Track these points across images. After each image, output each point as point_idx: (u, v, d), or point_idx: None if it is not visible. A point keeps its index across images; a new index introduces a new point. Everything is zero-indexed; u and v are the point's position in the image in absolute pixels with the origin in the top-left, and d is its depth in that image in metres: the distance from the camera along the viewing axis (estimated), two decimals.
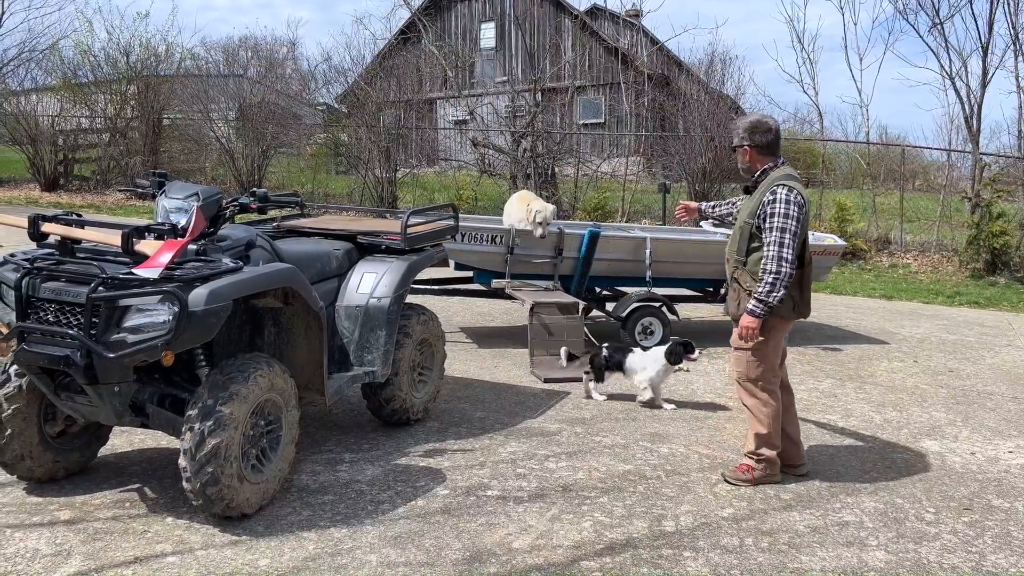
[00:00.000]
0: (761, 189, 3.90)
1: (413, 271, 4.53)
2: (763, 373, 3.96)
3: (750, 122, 4.00)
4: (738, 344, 3.96)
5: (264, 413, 3.44)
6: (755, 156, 3.97)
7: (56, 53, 21.04)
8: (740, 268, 3.93)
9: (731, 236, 4.09)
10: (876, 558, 3.33)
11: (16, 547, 3.12)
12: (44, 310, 3.18)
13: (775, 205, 3.77)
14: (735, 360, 4.03)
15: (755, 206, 3.86)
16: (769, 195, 3.79)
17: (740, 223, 3.97)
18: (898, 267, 13.39)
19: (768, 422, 3.98)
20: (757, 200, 3.86)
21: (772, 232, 3.75)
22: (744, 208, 4.02)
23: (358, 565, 3.09)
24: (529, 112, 16.25)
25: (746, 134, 3.96)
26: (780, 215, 3.75)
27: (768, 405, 3.98)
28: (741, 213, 4.04)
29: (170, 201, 3.54)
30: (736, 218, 4.13)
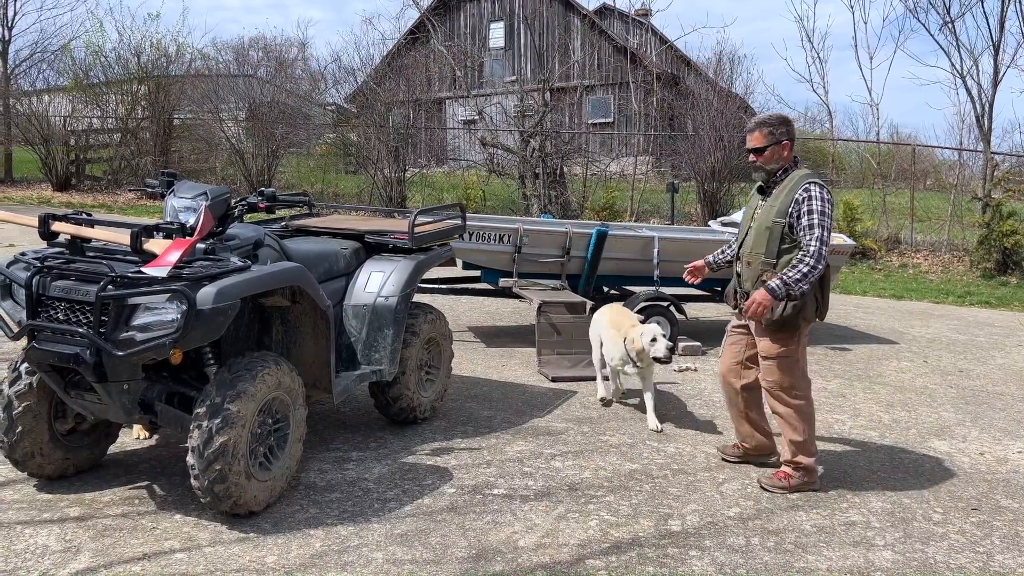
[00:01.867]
0: (788, 187, 3.84)
1: (420, 270, 4.54)
2: (796, 380, 3.92)
3: (778, 117, 3.97)
4: (769, 353, 3.90)
5: (272, 411, 3.46)
6: (789, 151, 3.93)
7: (68, 53, 21.18)
8: (769, 270, 3.84)
9: (750, 237, 3.95)
10: (883, 558, 3.32)
11: (26, 543, 3.15)
12: (54, 308, 3.21)
13: (812, 203, 3.75)
14: (767, 370, 3.93)
15: (786, 205, 3.80)
16: (803, 192, 3.78)
17: (767, 223, 3.85)
18: (908, 267, 13.33)
19: (803, 428, 3.93)
20: (787, 198, 3.80)
21: (813, 229, 3.74)
22: (768, 208, 3.90)
23: (364, 563, 3.11)
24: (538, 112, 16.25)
25: (784, 128, 3.91)
26: (818, 212, 3.74)
27: (802, 412, 3.94)
28: (764, 213, 3.91)
29: (179, 200, 3.57)
30: (753, 221, 3.99)
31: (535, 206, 15.25)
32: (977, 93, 14.81)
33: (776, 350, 3.88)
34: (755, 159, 3.94)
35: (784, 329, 3.85)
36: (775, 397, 3.96)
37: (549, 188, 15.47)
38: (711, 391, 5.77)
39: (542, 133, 15.86)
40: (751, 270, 3.93)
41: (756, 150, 3.92)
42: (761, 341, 3.93)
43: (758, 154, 3.91)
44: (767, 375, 3.95)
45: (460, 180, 18.53)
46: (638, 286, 7.34)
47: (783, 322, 3.82)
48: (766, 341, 3.91)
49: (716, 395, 5.68)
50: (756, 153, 3.92)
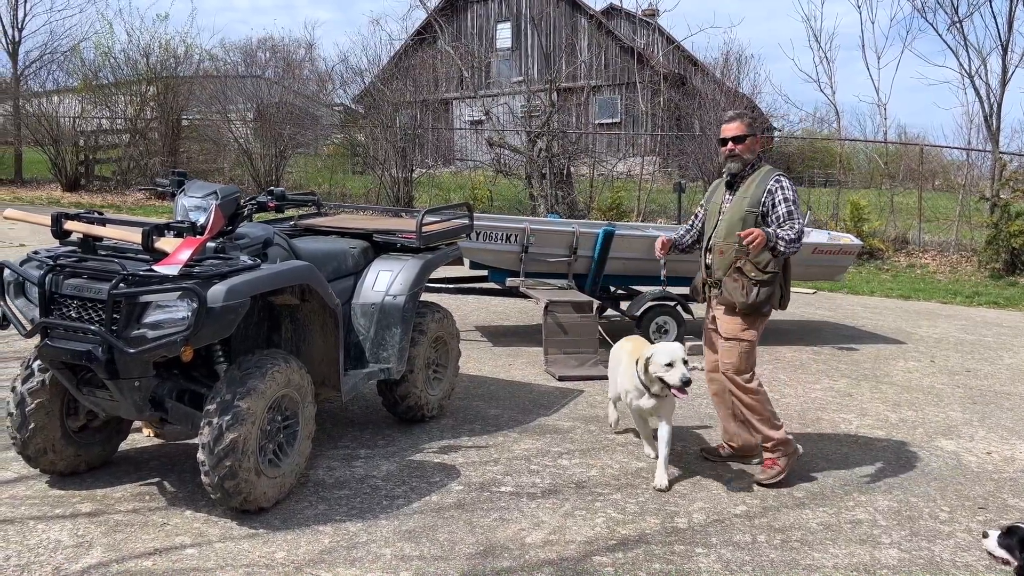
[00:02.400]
0: (757, 180, 4.01)
1: (428, 269, 4.57)
2: (751, 366, 4.07)
3: (750, 114, 4.18)
4: (732, 335, 4.01)
5: (281, 408, 3.49)
6: (759, 145, 4.13)
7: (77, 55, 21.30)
8: (743, 257, 3.95)
9: (722, 228, 4.04)
10: (889, 556, 3.33)
11: (39, 538, 3.18)
12: (67, 306, 3.25)
13: (785, 192, 3.96)
14: (727, 352, 4.04)
15: (757, 196, 3.96)
16: (774, 183, 3.97)
17: (739, 214, 3.97)
18: (916, 267, 13.30)
19: (762, 407, 4.08)
20: (759, 190, 3.97)
21: (792, 216, 3.93)
22: (738, 200, 4.02)
23: (373, 558, 3.13)
24: (545, 112, 16.26)
25: (752, 125, 4.09)
26: (792, 201, 3.95)
27: (759, 392, 4.09)
28: (734, 205, 4.03)
29: (189, 200, 3.60)
30: (722, 214, 4.08)
31: (542, 206, 15.27)
32: (985, 93, 14.76)
33: (739, 332, 4.00)
34: (734, 148, 4.04)
35: (753, 313, 3.98)
36: (732, 380, 4.07)
37: (556, 188, 15.49)
38: None
39: (549, 133, 15.88)
40: (724, 259, 4.03)
41: (737, 138, 4.03)
42: (726, 323, 4.03)
43: (738, 142, 4.03)
44: (726, 357, 4.05)
45: (467, 180, 18.56)
46: (645, 286, 7.35)
47: (755, 306, 3.95)
48: (732, 323, 4.01)
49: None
50: (737, 142, 4.03)
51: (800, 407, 5.44)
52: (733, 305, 3.98)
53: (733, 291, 3.97)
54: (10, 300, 3.42)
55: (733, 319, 4.01)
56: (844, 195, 15.58)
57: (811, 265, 7.68)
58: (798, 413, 5.30)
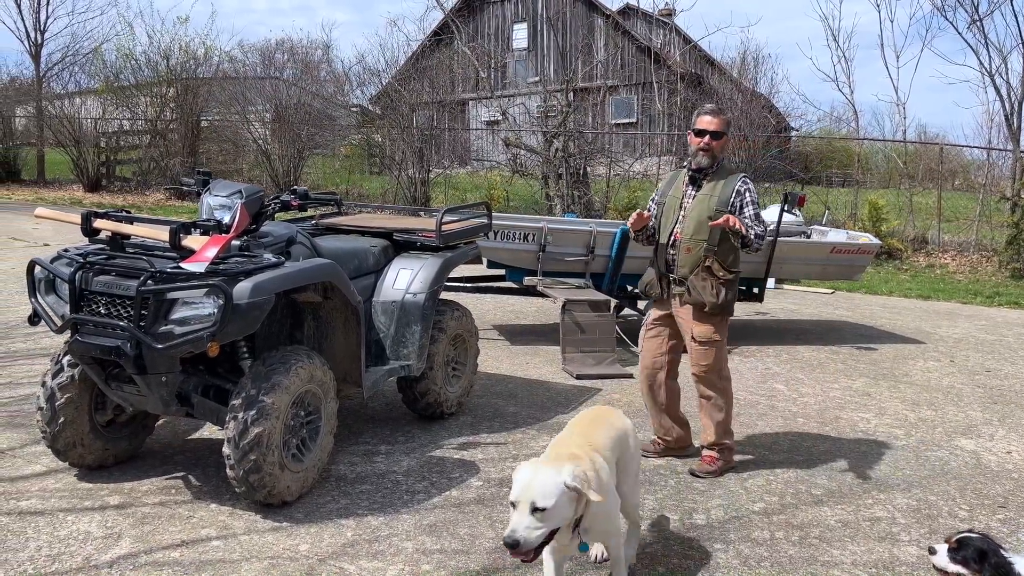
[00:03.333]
0: (724, 180, 4.06)
1: (447, 268, 4.61)
2: (724, 364, 4.15)
3: (725, 114, 4.24)
4: (704, 338, 4.04)
5: (304, 404, 3.55)
6: (727, 147, 4.22)
7: (99, 57, 21.58)
8: (712, 256, 3.99)
9: (689, 225, 4.04)
10: (908, 553, 3.34)
11: (69, 529, 3.25)
12: (96, 303, 3.32)
13: (752, 194, 4.06)
14: (701, 354, 4.07)
15: (727, 196, 4.01)
16: (742, 185, 4.05)
17: (707, 212, 3.99)
18: (935, 267, 13.21)
19: (728, 410, 4.17)
20: (727, 190, 4.03)
21: (758, 218, 4.03)
22: (704, 198, 4.04)
23: (395, 552, 3.18)
24: (561, 112, 16.28)
25: (730, 124, 4.18)
26: (757, 203, 4.08)
27: (728, 394, 4.17)
28: (700, 203, 4.04)
29: (214, 198, 3.66)
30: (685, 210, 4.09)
31: (558, 206, 15.29)
32: (1006, 91, 14.64)
33: (711, 334, 4.04)
34: (710, 143, 4.06)
35: (721, 314, 4.04)
36: (706, 381, 4.11)
37: (572, 188, 15.51)
38: (735, 389, 5.72)
39: (565, 133, 15.90)
40: (691, 256, 4.04)
41: (716, 134, 4.06)
42: (698, 326, 4.05)
43: (716, 138, 4.07)
44: (701, 359, 4.08)
45: (483, 181, 18.61)
46: None
47: (724, 306, 4.00)
48: (705, 326, 4.04)
49: (741, 393, 5.69)
50: (715, 137, 4.06)
51: (818, 406, 5.44)
52: (702, 305, 3.99)
53: (703, 291, 3.98)
54: (41, 297, 3.50)
55: (704, 323, 4.03)
56: (862, 195, 15.50)
57: (829, 265, 7.66)
58: (816, 412, 5.30)
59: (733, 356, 6.78)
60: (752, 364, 6.55)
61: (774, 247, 7.20)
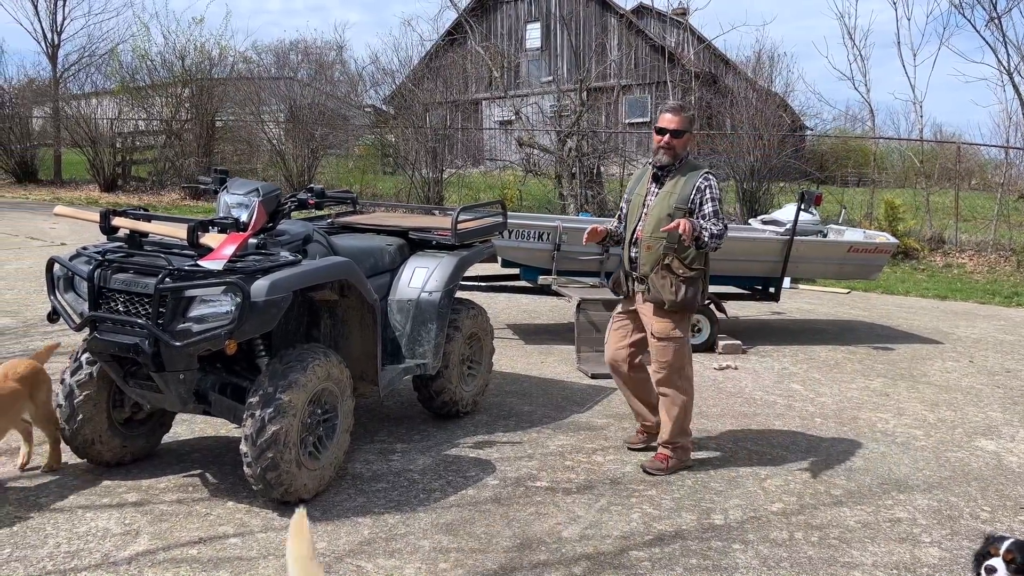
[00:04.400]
0: (686, 177, 4.03)
1: (463, 266, 4.61)
2: (686, 362, 4.12)
3: (691, 110, 4.26)
4: (664, 334, 4.02)
5: (321, 402, 3.55)
6: (691, 144, 4.20)
7: (115, 58, 21.72)
8: (671, 253, 3.98)
9: (650, 223, 4.05)
10: (930, 554, 3.30)
11: (88, 526, 3.27)
12: (114, 300, 3.33)
13: (713, 191, 4.01)
14: (661, 351, 4.04)
15: (687, 193, 3.99)
16: (703, 181, 4.01)
17: (667, 210, 3.98)
18: (953, 267, 13.09)
19: (687, 408, 4.14)
20: (687, 187, 4.00)
21: (719, 215, 3.99)
22: (666, 195, 4.03)
23: (412, 550, 3.17)
24: (575, 111, 16.25)
25: (692, 122, 4.15)
26: (718, 200, 4.02)
27: (687, 393, 4.14)
28: (662, 200, 4.03)
29: (232, 197, 3.66)
30: (647, 208, 4.09)
31: (571, 206, 15.26)
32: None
33: (671, 331, 4.03)
34: (671, 141, 4.03)
35: (681, 311, 4.02)
36: (665, 379, 4.08)
37: (586, 188, 15.47)
38: (752, 389, 5.75)
39: (579, 133, 15.87)
40: (651, 254, 4.03)
41: (677, 132, 4.03)
42: (657, 323, 4.04)
43: (676, 136, 4.04)
44: (661, 356, 4.06)
45: (497, 180, 18.60)
46: None
47: (684, 304, 3.98)
48: (664, 323, 4.03)
49: (757, 393, 5.66)
50: (675, 136, 4.03)
51: (836, 406, 5.40)
52: (662, 303, 4.00)
53: (662, 288, 3.98)
54: (60, 294, 3.52)
55: (663, 319, 4.03)
56: (878, 194, 15.38)
57: (846, 264, 7.60)
58: (834, 412, 5.26)
59: (749, 355, 6.75)
60: (769, 364, 6.51)
61: (791, 246, 7.15)
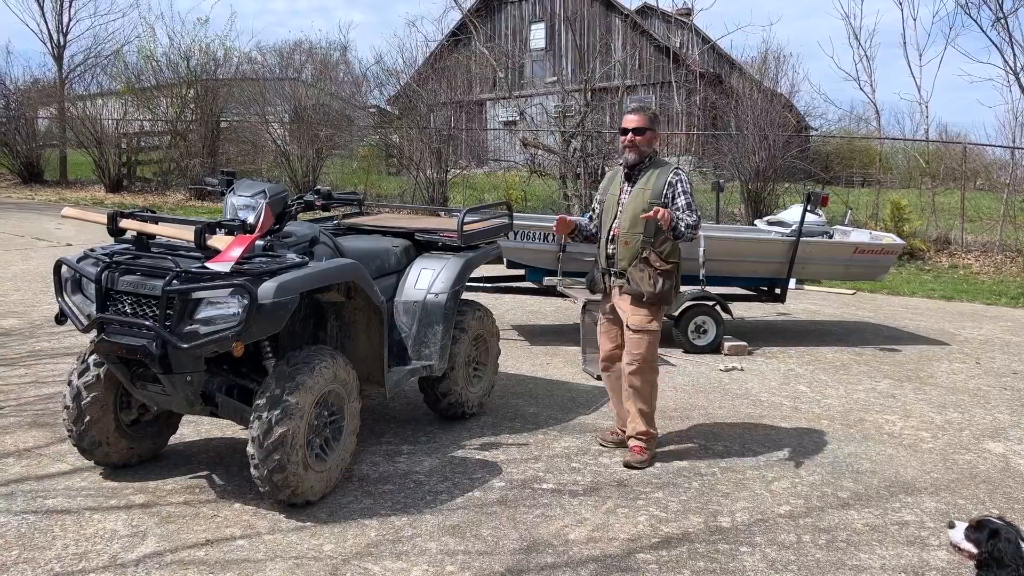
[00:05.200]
0: (657, 173, 4.14)
1: (469, 268, 4.60)
2: (656, 355, 4.22)
3: (653, 109, 4.37)
4: (640, 327, 4.09)
5: (327, 404, 3.55)
6: (657, 141, 4.29)
7: (120, 58, 21.74)
8: (648, 248, 4.08)
9: (625, 219, 4.13)
10: (938, 558, 3.29)
11: (95, 528, 3.27)
12: (122, 302, 3.33)
13: (684, 185, 4.14)
14: (636, 343, 4.12)
15: (659, 188, 4.09)
16: (674, 176, 4.13)
17: (643, 204, 4.06)
18: (959, 267, 13.05)
19: (654, 400, 4.25)
20: (659, 183, 4.11)
21: (692, 207, 4.09)
22: (639, 192, 4.12)
23: (419, 552, 3.17)
24: (579, 112, 16.24)
25: (658, 120, 4.26)
26: (690, 193, 4.14)
27: (655, 385, 4.24)
28: (635, 197, 4.12)
29: (239, 198, 3.66)
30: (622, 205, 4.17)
31: (576, 206, 15.25)
32: None
33: (646, 324, 4.11)
34: (634, 139, 4.14)
35: (658, 303, 4.12)
36: (637, 371, 4.15)
37: (590, 188, 15.45)
38: (758, 391, 5.74)
39: (583, 133, 15.86)
40: (628, 249, 4.12)
41: (638, 130, 4.13)
42: (634, 315, 4.11)
43: (639, 134, 4.14)
44: (634, 348, 4.13)
45: (501, 181, 18.59)
46: (683, 285, 7.30)
47: (661, 296, 4.09)
48: (640, 315, 4.11)
49: (763, 395, 5.65)
50: (637, 133, 4.13)
51: (843, 408, 5.38)
52: (640, 295, 4.08)
53: (640, 281, 4.08)
54: (67, 296, 3.52)
55: (640, 311, 4.11)
56: (884, 195, 15.33)
57: (852, 265, 7.58)
58: (840, 414, 5.24)
59: (755, 357, 6.74)
60: (774, 366, 6.50)
61: (797, 247, 7.14)
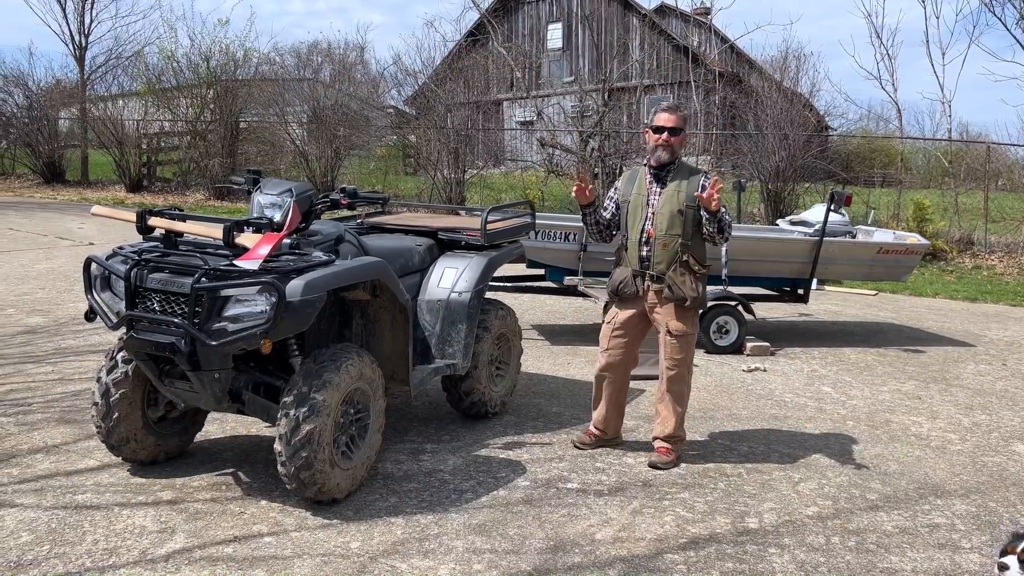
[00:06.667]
0: (687, 175, 4.14)
1: (492, 267, 4.60)
2: (694, 356, 4.26)
3: (683, 110, 4.30)
4: (681, 331, 4.11)
5: (354, 402, 3.55)
6: (687, 142, 4.26)
7: (141, 59, 21.92)
8: (687, 250, 4.08)
9: (662, 221, 4.09)
10: (970, 560, 3.25)
11: (124, 524, 3.29)
12: (150, 300, 3.35)
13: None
14: (676, 348, 4.12)
15: (694, 191, 4.07)
16: (706, 180, 4.09)
17: (678, 207, 4.07)
18: (982, 268, 12.90)
19: (686, 402, 4.27)
20: (693, 185, 4.09)
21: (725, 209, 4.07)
22: (672, 194, 4.09)
23: (446, 551, 3.17)
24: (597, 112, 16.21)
25: (687, 121, 4.23)
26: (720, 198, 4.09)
27: (690, 387, 4.27)
28: (668, 199, 4.09)
29: (265, 197, 3.67)
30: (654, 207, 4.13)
31: None
32: None
33: (688, 328, 4.14)
34: (670, 139, 4.12)
35: (696, 306, 4.14)
36: (679, 375, 4.17)
37: (608, 188, 15.42)
38: (782, 391, 5.70)
39: (601, 133, 15.82)
40: (667, 251, 4.11)
41: (675, 130, 4.13)
42: (674, 322, 4.11)
43: (674, 134, 4.13)
44: (676, 353, 4.14)
45: (518, 181, 18.59)
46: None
47: (702, 300, 4.15)
48: (683, 320, 4.12)
49: (787, 395, 5.61)
50: (673, 134, 4.12)
51: (868, 409, 5.33)
52: (683, 300, 4.06)
53: (682, 285, 4.07)
54: (97, 293, 3.54)
55: (682, 315, 4.11)
56: (906, 195, 15.19)
57: (876, 265, 7.51)
58: (866, 415, 5.19)
59: (778, 357, 6.69)
60: (797, 366, 6.45)
61: (820, 247, 7.08)
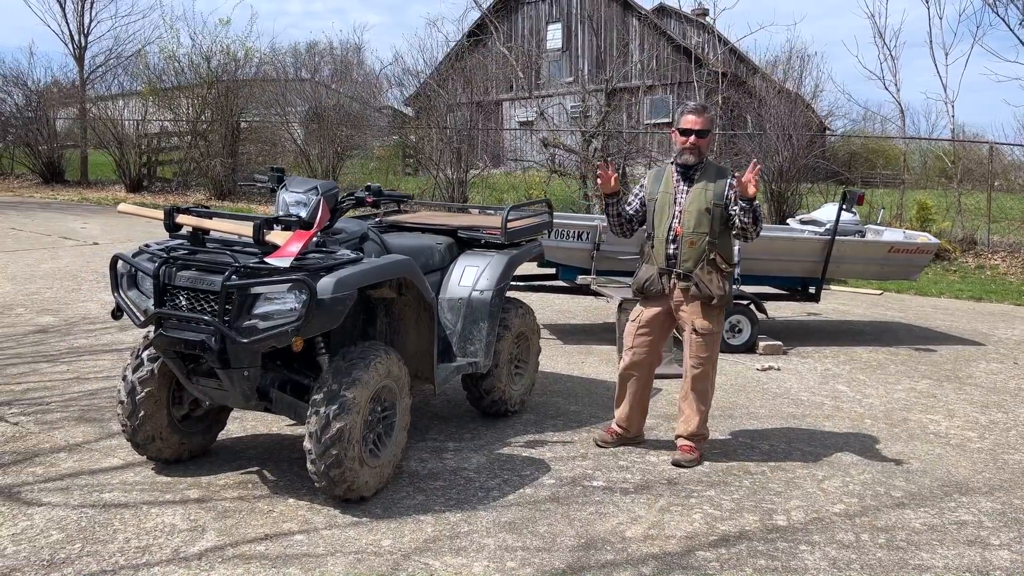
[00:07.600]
0: (714, 175, 4.16)
1: (513, 265, 4.60)
2: (718, 354, 4.27)
3: (711, 111, 4.31)
4: (707, 330, 4.12)
5: (381, 399, 3.55)
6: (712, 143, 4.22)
7: (142, 59, 21.87)
8: (714, 249, 4.09)
9: (689, 219, 4.11)
10: (1001, 557, 3.25)
11: (154, 522, 3.28)
12: (178, 297, 3.34)
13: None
14: (701, 346, 4.14)
15: (720, 190, 4.11)
16: (732, 180, 4.11)
17: (705, 206, 4.09)
18: (985, 268, 12.94)
19: (710, 401, 4.29)
20: (720, 185, 4.12)
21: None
22: (699, 193, 4.12)
23: (477, 548, 3.16)
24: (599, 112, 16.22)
25: (714, 122, 4.24)
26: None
27: (714, 385, 4.29)
28: (696, 197, 4.11)
29: (291, 195, 3.66)
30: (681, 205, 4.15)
31: (596, 206, 15.21)
32: None
33: (712, 327, 4.14)
34: (697, 142, 4.14)
35: (721, 304, 4.14)
36: (703, 373, 4.18)
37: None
38: (798, 390, 5.70)
39: (603, 133, 15.83)
40: (694, 249, 4.11)
41: (702, 132, 4.15)
42: (701, 319, 4.12)
43: (701, 137, 4.15)
44: (701, 351, 4.15)
45: (520, 181, 18.59)
46: None
47: (728, 298, 4.16)
48: (709, 318, 4.13)
49: (803, 394, 5.61)
50: (700, 136, 4.14)
51: (884, 408, 5.34)
52: (710, 298, 4.08)
53: (709, 283, 4.08)
54: (123, 292, 3.53)
55: (708, 314, 4.12)
56: (908, 195, 15.22)
57: (887, 264, 7.53)
58: (883, 413, 5.20)
59: (790, 356, 6.70)
60: (811, 365, 6.45)
61: (831, 246, 7.09)
